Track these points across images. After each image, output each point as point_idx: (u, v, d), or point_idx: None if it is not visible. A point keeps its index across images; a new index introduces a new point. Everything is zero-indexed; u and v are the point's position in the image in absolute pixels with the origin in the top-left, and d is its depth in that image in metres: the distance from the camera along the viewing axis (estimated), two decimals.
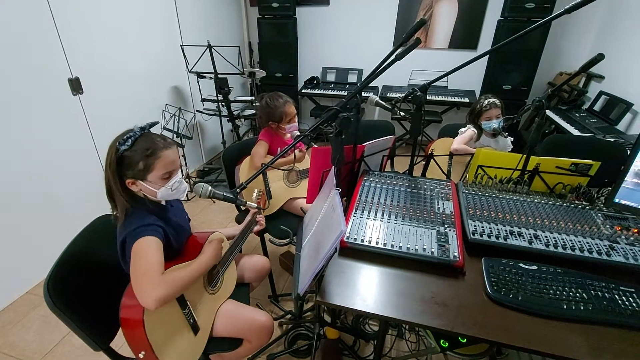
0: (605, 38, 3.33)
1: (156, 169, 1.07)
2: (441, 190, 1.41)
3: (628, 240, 1.12)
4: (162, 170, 1.08)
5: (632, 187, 1.16)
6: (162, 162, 1.07)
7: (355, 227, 1.20)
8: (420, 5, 3.89)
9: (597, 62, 1.17)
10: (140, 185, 1.08)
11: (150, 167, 1.06)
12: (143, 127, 1.08)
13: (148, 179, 1.07)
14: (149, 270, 0.98)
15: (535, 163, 1.40)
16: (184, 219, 1.29)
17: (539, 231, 1.16)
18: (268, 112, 1.88)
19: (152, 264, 0.99)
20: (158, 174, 1.08)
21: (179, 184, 1.13)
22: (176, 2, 3.19)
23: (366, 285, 1.03)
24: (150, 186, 1.09)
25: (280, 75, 4.35)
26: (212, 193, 1.05)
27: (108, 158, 1.04)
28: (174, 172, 1.11)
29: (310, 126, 1.06)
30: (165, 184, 1.11)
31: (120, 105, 2.69)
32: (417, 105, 1.37)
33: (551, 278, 1.01)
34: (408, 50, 1.06)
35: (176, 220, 1.20)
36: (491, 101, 2.09)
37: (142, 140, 1.05)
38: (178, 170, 1.13)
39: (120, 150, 1.02)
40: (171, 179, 1.11)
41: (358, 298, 0.99)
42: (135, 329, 0.99)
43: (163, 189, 1.10)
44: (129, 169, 1.05)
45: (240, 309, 1.28)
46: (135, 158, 1.04)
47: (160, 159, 1.06)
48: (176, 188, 1.13)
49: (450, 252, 1.08)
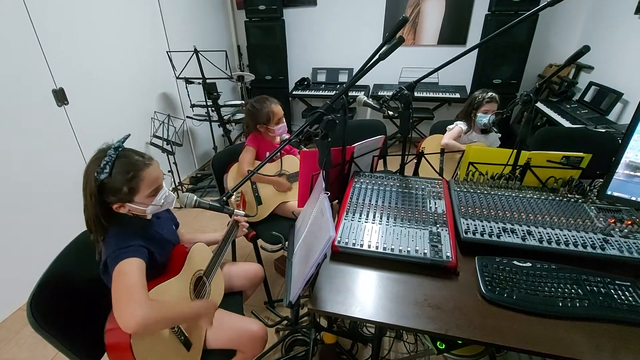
0: (593, 28, 3.34)
1: (142, 190, 1.04)
2: (432, 189, 1.39)
3: (622, 232, 1.10)
4: (148, 189, 1.05)
5: (624, 178, 1.15)
6: (146, 182, 1.04)
7: (346, 231, 1.18)
8: (408, 2, 3.88)
9: (582, 54, 1.16)
10: (129, 206, 1.05)
11: (135, 190, 1.03)
12: (117, 146, 1.02)
13: (135, 200, 1.04)
14: (131, 291, 0.93)
15: (527, 158, 1.38)
16: (171, 230, 1.26)
17: (532, 227, 1.14)
18: (254, 115, 1.85)
19: (134, 285, 0.94)
20: (144, 194, 1.05)
21: (167, 197, 1.10)
22: (161, 9, 3.16)
23: (359, 290, 1.01)
24: (139, 206, 1.06)
25: (270, 77, 4.32)
26: (198, 202, 1.03)
27: (87, 188, 1.00)
28: (159, 188, 1.08)
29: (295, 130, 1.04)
30: (153, 200, 1.08)
31: (107, 114, 2.65)
32: (404, 103, 1.35)
33: (546, 275, 0.99)
34: (392, 49, 1.04)
35: (161, 233, 1.17)
36: (493, 95, 2.09)
37: (120, 162, 1.00)
38: (163, 183, 1.11)
39: (99, 180, 0.98)
40: (158, 194, 1.08)
41: (350, 304, 0.96)
42: (122, 353, 0.95)
43: (151, 206, 1.08)
44: (113, 195, 1.01)
45: (232, 319, 1.25)
46: (117, 184, 1.00)
47: (143, 179, 1.03)
48: (164, 201, 1.10)
49: (443, 253, 1.06)
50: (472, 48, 1.26)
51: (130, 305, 0.91)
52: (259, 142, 1.87)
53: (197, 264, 1.20)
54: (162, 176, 1.11)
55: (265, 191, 1.91)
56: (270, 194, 1.93)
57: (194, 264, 1.18)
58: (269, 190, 1.92)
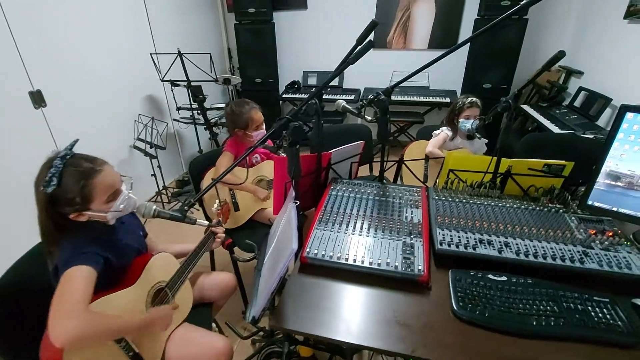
0: (583, 33, 3.32)
1: (97, 197, 0.98)
2: (411, 197, 1.35)
3: (602, 244, 1.06)
4: (104, 196, 0.99)
5: (605, 188, 1.11)
6: (100, 188, 0.98)
7: (317, 241, 1.13)
8: (398, 6, 3.85)
9: (558, 59, 1.13)
10: (87, 214, 0.99)
11: (89, 198, 0.97)
12: (63, 155, 0.96)
13: (92, 208, 0.99)
14: (69, 301, 0.87)
15: (507, 165, 1.34)
16: (136, 236, 1.20)
17: (510, 238, 1.10)
18: (233, 119, 1.80)
19: (74, 295, 0.88)
20: (101, 200, 0.99)
21: (127, 200, 1.04)
22: (147, 10, 3.11)
23: (326, 306, 0.96)
24: (97, 213, 1.00)
25: (260, 80, 4.27)
26: (157, 212, 0.97)
27: (38, 203, 0.95)
28: (118, 191, 1.03)
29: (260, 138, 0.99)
30: (113, 206, 1.02)
31: (89, 116, 2.58)
32: (381, 109, 1.30)
33: (521, 290, 0.95)
34: (361, 53, 1.00)
35: (124, 240, 1.12)
36: (474, 100, 2.04)
37: (69, 171, 0.95)
38: (122, 186, 1.05)
39: (48, 193, 0.92)
40: (117, 198, 1.03)
41: (315, 321, 0.91)
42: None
43: (111, 212, 1.02)
44: (67, 205, 0.96)
45: (196, 334, 1.19)
46: (68, 194, 0.94)
47: (96, 186, 0.97)
48: (125, 205, 1.05)
49: (415, 266, 1.01)
50: (457, 46, 1.19)
51: (64, 316, 0.85)
52: (238, 147, 1.82)
53: (158, 275, 1.13)
54: (120, 179, 1.05)
55: (243, 197, 1.86)
56: (249, 200, 1.87)
57: (154, 275, 1.12)
58: (247, 196, 1.87)
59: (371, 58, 4.15)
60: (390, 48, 4.11)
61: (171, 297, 1.16)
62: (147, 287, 1.09)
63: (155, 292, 1.12)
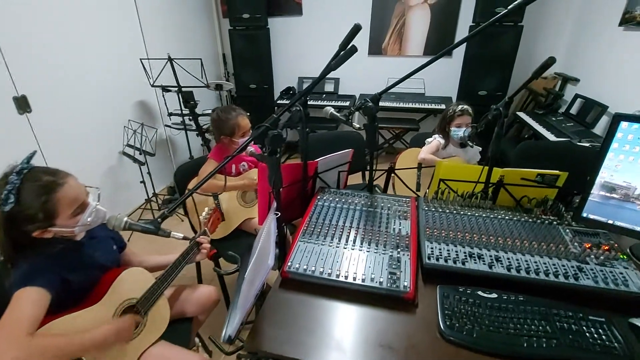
0: (579, 40, 3.30)
1: (62, 211, 0.92)
2: (400, 207, 1.30)
3: (598, 259, 1.01)
4: (69, 209, 0.94)
5: (600, 200, 1.07)
6: (64, 202, 0.92)
7: (300, 254, 1.08)
8: (393, 13, 3.84)
9: (548, 66, 1.09)
10: (53, 231, 0.94)
11: (53, 214, 0.91)
12: (20, 169, 0.90)
13: (57, 224, 0.93)
14: (13, 325, 0.81)
15: (499, 175, 1.29)
16: (107, 251, 1.14)
17: (501, 252, 1.05)
18: (219, 126, 1.75)
19: (20, 319, 0.82)
20: (66, 215, 0.94)
21: (96, 212, 0.99)
22: (139, 15, 3.07)
23: (306, 325, 0.91)
24: (63, 228, 0.95)
25: (255, 86, 4.24)
26: (128, 224, 0.91)
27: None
28: (84, 204, 0.97)
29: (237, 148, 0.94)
30: (80, 219, 0.97)
31: (76, 122, 2.53)
32: (369, 116, 1.26)
33: (512, 308, 0.90)
34: (344, 58, 0.96)
35: (92, 256, 1.06)
36: (464, 107, 2.00)
37: (28, 187, 0.89)
38: (89, 197, 1.00)
39: (5, 211, 0.86)
40: (84, 212, 0.97)
41: (291, 342, 0.86)
42: None
43: (79, 226, 0.97)
44: (28, 223, 0.90)
45: (172, 352, 1.12)
46: (29, 211, 0.89)
47: (60, 200, 0.92)
48: (93, 218, 0.99)
49: (401, 282, 0.96)
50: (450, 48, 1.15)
51: (4, 344, 0.79)
52: (223, 154, 1.76)
53: (128, 292, 1.07)
54: (85, 191, 1.00)
55: (229, 206, 1.80)
56: (235, 209, 1.82)
57: (123, 291, 1.05)
58: (233, 205, 1.81)
59: (366, 64, 4.17)
60: (385, 55, 4.09)
61: (143, 314, 1.10)
62: (114, 305, 1.02)
63: (124, 310, 1.05)
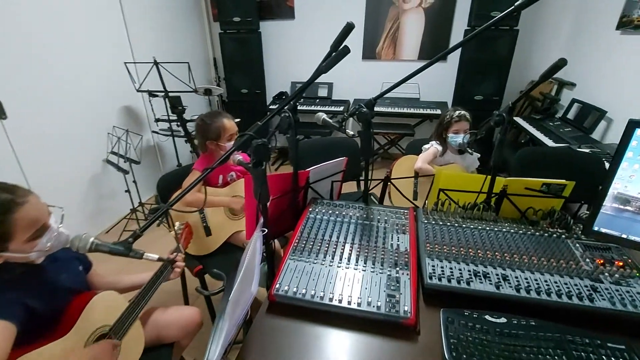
0: (575, 44, 3.26)
1: (17, 235, 0.83)
2: (397, 220, 1.21)
3: (612, 277, 0.93)
4: (26, 233, 0.84)
5: (612, 212, 0.99)
6: (22, 224, 0.83)
7: (289, 274, 0.98)
8: (387, 16, 3.79)
9: (559, 68, 1.02)
10: (4, 256, 0.84)
11: (7, 237, 0.82)
12: None
13: (10, 248, 0.83)
14: None
15: (502, 185, 1.22)
16: (72, 274, 1.04)
17: (509, 270, 0.97)
18: (204, 130, 1.66)
19: None
20: (22, 239, 0.84)
21: (57, 236, 0.89)
22: (125, 19, 2.98)
23: (293, 355, 0.81)
24: (16, 254, 0.85)
25: (247, 91, 4.15)
26: (95, 245, 0.81)
27: None
28: (45, 226, 0.87)
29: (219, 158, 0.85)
30: (36, 245, 0.87)
31: (56, 129, 2.41)
32: (364, 122, 1.18)
33: (523, 335, 0.81)
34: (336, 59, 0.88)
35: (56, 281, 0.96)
36: (462, 113, 1.93)
37: None
38: (50, 220, 0.89)
39: None
40: (43, 236, 0.87)
41: None
42: None
43: (35, 252, 0.87)
44: None
45: None
46: None
47: (17, 222, 0.82)
48: (53, 242, 0.89)
49: (401, 306, 0.87)
50: (445, 53, 1.08)
51: None
52: (209, 164, 1.66)
53: (100, 319, 0.97)
54: (47, 211, 0.90)
55: (215, 220, 1.69)
56: (222, 223, 1.71)
57: (95, 319, 0.95)
58: (220, 219, 1.71)
59: (360, 69, 4.10)
60: (379, 59, 4.03)
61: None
62: (86, 335, 0.92)
63: (97, 339, 0.95)
